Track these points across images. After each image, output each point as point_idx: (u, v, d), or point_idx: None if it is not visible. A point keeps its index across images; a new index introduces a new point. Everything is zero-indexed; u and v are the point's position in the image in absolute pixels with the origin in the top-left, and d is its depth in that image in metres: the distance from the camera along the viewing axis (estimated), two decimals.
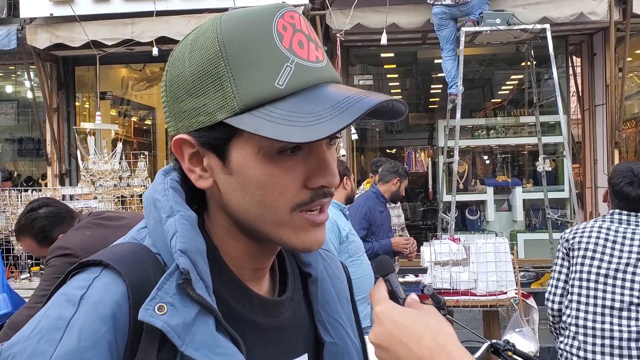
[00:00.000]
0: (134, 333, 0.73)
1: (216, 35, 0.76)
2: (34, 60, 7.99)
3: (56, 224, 2.71)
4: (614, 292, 2.77)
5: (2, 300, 4.47)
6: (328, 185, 0.80)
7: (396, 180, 5.18)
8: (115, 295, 0.74)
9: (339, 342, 0.92)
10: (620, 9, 7.33)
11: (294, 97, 0.74)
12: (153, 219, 0.82)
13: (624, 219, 2.87)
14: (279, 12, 0.77)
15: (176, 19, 7.25)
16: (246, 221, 0.81)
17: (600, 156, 8.41)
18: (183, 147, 0.80)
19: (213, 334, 0.75)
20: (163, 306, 0.73)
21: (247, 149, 0.77)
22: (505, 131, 9.39)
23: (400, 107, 0.79)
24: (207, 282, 0.77)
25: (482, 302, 4.40)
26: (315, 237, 0.82)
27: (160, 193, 0.82)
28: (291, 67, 0.75)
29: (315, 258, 0.97)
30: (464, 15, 6.90)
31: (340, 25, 7.23)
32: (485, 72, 11.35)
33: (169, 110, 0.82)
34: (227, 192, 0.80)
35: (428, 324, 0.78)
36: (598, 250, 2.85)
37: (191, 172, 0.81)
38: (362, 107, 0.71)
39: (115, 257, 0.77)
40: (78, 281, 0.76)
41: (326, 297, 0.95)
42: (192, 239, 0.77)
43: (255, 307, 0.85)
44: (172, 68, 0.81)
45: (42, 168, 9.60)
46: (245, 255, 0.85)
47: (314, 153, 0.79)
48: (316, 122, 0.71)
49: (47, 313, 0.74)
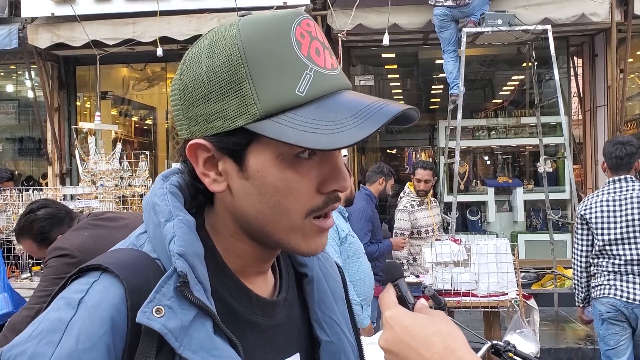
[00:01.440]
0: (132, 336, 0.74)
1: (236, 42, 0.76)
2: (35, 60, 8.00)
3: (55, 225, 2.72)
4: (625, 250, 3.77)
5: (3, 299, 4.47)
6: (340, 189, 0.81)
7: (382, 179, 5.39)
8: (114, 299, 0.75)
9: (335, 340, 0.94)
10: (621, 10, 7.33)
11: (314, 104, 0.76)
12: (152, 223, 0.82)
13: (617, 186, 3.88)
14: (297, 19, 0.78)
15: (177, 19, 7.25)
16: (258, 225, 0.81)
17: (601, 157, 8.38)
18: (198, 152, 0.80)
19: (211, 336, 0.76)
20: (161, 309, 0.73)
21: (265, 154, 0.78)
22: (506, 132, 9.39)
23: (413, 114, 0.80)
24: (205, 285, 0.77)
25: (483, 303, 4.39)
26: (321, 242, 0.84)
27: (160, 198, 0.83)
28: (310, 75, 0.76)
29: (310, 259, 0.98)
30: (465, 17, 6.89)
31: (342, 26, 7.23)
32: (487, 73, 11.35)
33: (182, 115, 0.81)
34: (241, 197, 0.81)
35: (438, 329, 0.78)
36: (604, 222, 3.84)
37: (205, 176, 0.82)
38: (384, 116, 0.74)
39: (114, 261, 0.78)
40: (77, 285, 0.77)
41: (322, 296, 0.96)
42: (190, 243, 0.78)
43: (255, 308, 0.86)
44: (187, 72, 0.80)
45: (43, 167, 9.60)
46: (250, 257, 0.86)
47: (328, 158, 0.81)
48: (340, 130, 0.73)
49: (47, 316, 0.75)
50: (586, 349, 6.41)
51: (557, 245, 7.87)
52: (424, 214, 5.76)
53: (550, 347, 6.40)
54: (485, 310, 4.48)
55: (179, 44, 7.38)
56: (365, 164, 12.30)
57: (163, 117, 10.66)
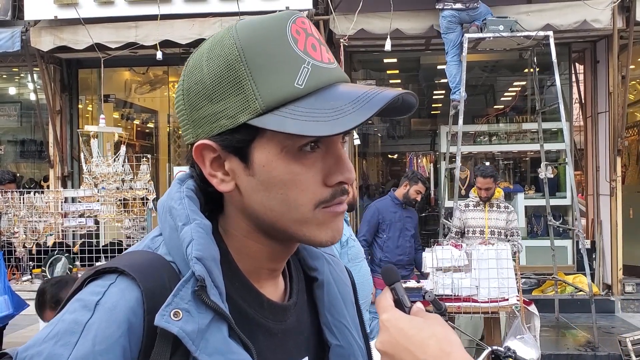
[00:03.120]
0: (148, 338, 0.75)
1: (234, 42, 0.79)
2: (38, 63, 8.01)
3: (62, 286, 3.06)
4: None
5: (3, 302, 4.48)
6: (346, 181, 0.82)
7: (405, 183, 5.85)
8: (130, 301, 0.75)
9: (344, 344, 0.94)
10: (623, 17, 7.34)
11: (313, 95, 0.78)
12: (169, 226, 0.83)
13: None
14: (291, 18, 0.81)
15: (180, 23, 7.27)
16: (269, 221, 0.82)
17: (602, 163, 8.40)
18: (204, 153, 0.82)
19: (226, 340, 0.77)
20: (179, 312, 0.74)
21: (269, 148, 0.79)
22: (507, 137, 9.40)
23: (411, 101, 0.81)
24: (221, 289, 0.78)
25: (484, 308, 4.39)
26: (337, 227, 0.84)
27: (177, 202, 0.84)
28: (308, 68, 0.78)
29: (321, 263, 0.99)
30: (471, 21, 6.92)
31: (344, 31, 7.25)
32: (488, 79, 11.36)
33: (188, 119, 0.83)
34: (249, 194, 0.82)
35: (434, 332, 0.79)
36: None
37: (213, 177, 0.83)
38: (381, 100, 0.75)
39: (130, 263, 0.79)
40: (94, 287, 0.78)
41: (332, 300, 0.96)
42: (207, 247, 0.79)
43: (266, 312, 0.86)
44: (189, 77, 0.82)
45: (45, 170, 9.61)
46: (264, 256, 0.87)
47: (331, 150, 0.82)
48: (340, 116, 0.75)
49: (63, 317, 0.76)
50: (587, 356, 6.40)
51: (558, 252, 7.86)
52: (477, 215, 5.85)
53: (551, 353, 6.38)
54: (486, 315, 4.48)
55: (181, 47, 7.40)
56: (367, 169, 12.30)
57: (165, 121, 10.68)
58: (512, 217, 5.81)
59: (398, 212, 5.83)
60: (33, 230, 5.58)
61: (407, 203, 5.87)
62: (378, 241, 5.86)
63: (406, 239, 5.88)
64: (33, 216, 5.58)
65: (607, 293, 8.20)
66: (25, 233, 5.55)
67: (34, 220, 5.58)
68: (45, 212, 5.60)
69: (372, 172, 13.06)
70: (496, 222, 5.80)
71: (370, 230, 5.83)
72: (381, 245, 5.85)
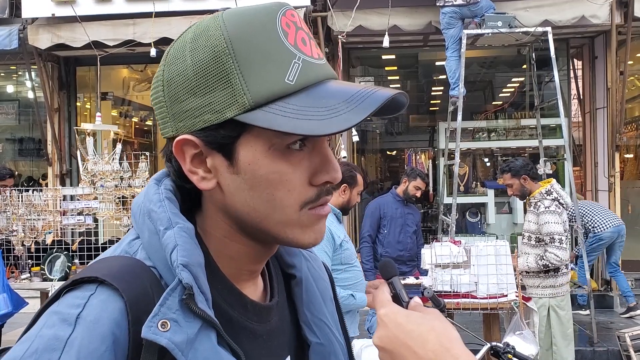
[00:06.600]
0: (134, 351, 0.71)
1: (221, 33, 0.75)
2: (35, 61, 8.00)
3: None
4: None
5: (2, 300, 4.48)
6: (332, 180, 0.79)
7: (405, 180, 5.96)
8: (113, 313, 0.71)
9: (325, 342, 0.92)
10: (621, 12, 7.34)
11: (304, 92, 0.74)
12: (148, 230, 0.79)
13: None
14: (281, 9, 0.77)
15: (177, 20, 7.26)
16: (252, 222, 0.79)
17: (601, 159, 8.41)
18: (185, 148, 0.77)
19: (215, 348, 0.74)
20: (166, 323, 0.71)
21: (256, 146, 0.76)
22: (506, 134, 9.39)
23: (402, 100, 0.79)
24: (207, 295, 0.75)
25: (483, 304, 4.39)
26: (320, 230, 0.82)
27: (156, 204, 0.79)
28: (299, 64, 0.75)
29: (299, 259, 0.96)
30: (472, 16, 6.91)
31: (342, 27, 7.24)
32: (487, 75, 11.36)
33: (167, 111, 0.79)
34: (232, 193, 0.78)
35: (432, 327, 0.78)
36: None
37: (193, 174, 0.78)
38: (376, 100, 0.72)
39: (109, 272, 0.74)
40: (72, 299, 0.72)
41: (311, 297, 0.94)
42: (192, 252, 0.75)
43: (250, 314, 0.84)
44: (170, 67, 0.78)
45: (43, 168, 9.60)
46: (244, 257, 0.84)
47: (317, 149, 0.79)
48: (333, 115, 0.72)
49: (41, 333, 0.70)
50: (585, 351, 6.41)
51: None
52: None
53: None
54: (485, 312, 4.48)
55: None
56: (365, 166, 12.30)
57: None
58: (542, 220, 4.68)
59: (399, 209, 5.94)
60: (32, 228, 5.57)
61: (407, 199, 5.94)
62: (379, 236, 5.90)
63: (407, 235, 5.92)
64: (32, 214, 5.57)
65: (606, 288, 8.22)
66: (23, 231, 5.54)
67: (33, 218, 5.57)
68: (44, 210, 5.59)
69: (371, 168, 13.06)
70: (528, 224, 4.85)
71: (373, 225, 5.91)
72: (382, 241, 5.89)
